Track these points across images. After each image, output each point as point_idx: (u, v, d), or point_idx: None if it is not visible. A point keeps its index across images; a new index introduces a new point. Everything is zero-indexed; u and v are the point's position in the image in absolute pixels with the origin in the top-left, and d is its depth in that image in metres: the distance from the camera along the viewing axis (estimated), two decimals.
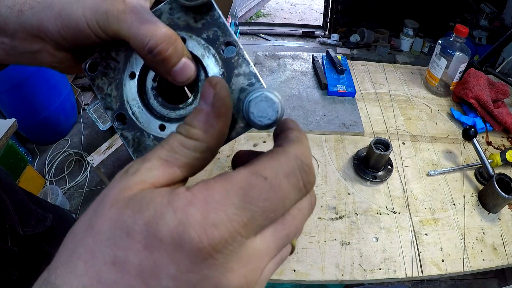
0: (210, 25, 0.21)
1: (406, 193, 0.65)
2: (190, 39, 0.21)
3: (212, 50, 0.21)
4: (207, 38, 0.21)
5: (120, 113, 0.23)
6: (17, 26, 0.21)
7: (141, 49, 0.20)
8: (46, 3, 0.20)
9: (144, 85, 0.23)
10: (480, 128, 0.78)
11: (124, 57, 0.22)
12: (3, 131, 0.96)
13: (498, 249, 0.57)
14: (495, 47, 1.01)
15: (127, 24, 0.19)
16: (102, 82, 0.23)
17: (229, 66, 0.21)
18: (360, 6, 2.70)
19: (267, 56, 1.00)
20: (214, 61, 0.21)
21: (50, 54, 0.23)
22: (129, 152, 0.23)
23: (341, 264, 0.53)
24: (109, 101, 0.23)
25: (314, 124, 0.76)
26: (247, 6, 3.51)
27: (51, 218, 0.59)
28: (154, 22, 0.20)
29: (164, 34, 0.19)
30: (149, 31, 0.19)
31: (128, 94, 0.23)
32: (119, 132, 0.23)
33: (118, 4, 0.20)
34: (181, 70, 0.20)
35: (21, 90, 1.52)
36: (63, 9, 0.20)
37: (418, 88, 0.92)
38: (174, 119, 0.22)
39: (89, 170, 1.69)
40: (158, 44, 0.19)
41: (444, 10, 2.43)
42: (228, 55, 0.21)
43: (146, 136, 0.22)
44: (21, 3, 0.21)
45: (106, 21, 0.20)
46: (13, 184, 0.57)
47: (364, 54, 2.54)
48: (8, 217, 0.49)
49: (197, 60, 0.22)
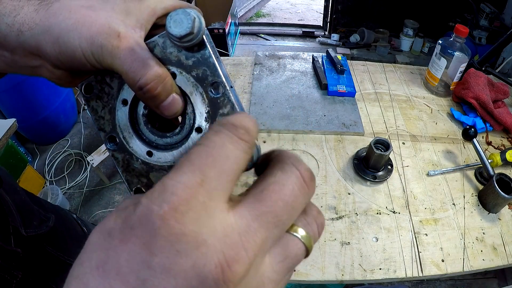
0: (200, 63, 0.22)
1: (406, 193, 0.65)
2: (180, 75, 0.22)
3: (200, 89, 0.22)
4: (196, 77, 0.22)
5: (112, 135, 0.24)
6: (16, 44, 0.21)
7: (132, 85, 0.21)
8: (45, 26, 0.21)
9: (135, 111, 0.24)
10: (480, 128, 0.78)
11: (117, 84, 0.23)
12: (3, 131, 0.96)
13: (498, 249, 0.57)
14: (495, 47, 1.01)
15: (120, 60, 0.20)
16: (96, 105, 0.24)
17: (215, 106, 0.22)
18: (360, 6, 2.70)
19: (267, 56, 1.00)
20: (201, 99, 0.22)
21: (49, 70, 0.23)
22: (118, 171, 0.24)
23: (341, 264, 0.53)
24: (102, 123, 0.24)
25: (314, 124, 0.76)
26: (247, 6, 3.50)
27: (53, 219, 0.59)
28: (146, 59, 0.20)
29: (154, 74, 0.20)
30: (140, 70, 0.20)
31: (120, 119, 0.24)
32: (111, 152, 0.24)
33: (113, 39, 0.20)
34: (168, 105, 0.21)
35: (21, 90, 1.52)
36: (61, 36, 0.21)
37: (418, 88, 0.92)
38: (162, 146, 0.24)
39: (89, 170, 1.69)
40: (147, 83, 0.20)
41: (444, 10, 2.43)
42: (214, 95, 0.22)
43: (134, 159, 0.24)
44: (20, 23, 0.21)
45: (101, 54, 0.21)
46: (15, 184, 0.57)
47: (364, 54, 2.54)
48: (11, 218, 0.49)
49: (185, 95, 0.23)
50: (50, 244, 0.56)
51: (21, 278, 0.46)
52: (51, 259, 0.55)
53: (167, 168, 0.23)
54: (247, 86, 0.88)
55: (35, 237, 0.53)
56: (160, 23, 0.24)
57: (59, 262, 0.56)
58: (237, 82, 0.90)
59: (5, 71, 0.24)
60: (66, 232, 0.64)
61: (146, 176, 0.24)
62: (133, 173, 0.24)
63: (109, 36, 0.20)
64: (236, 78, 0.92)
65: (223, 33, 2.25)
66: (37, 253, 0.53)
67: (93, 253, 0.14)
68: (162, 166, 0.23)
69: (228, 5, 2.48)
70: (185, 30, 0.20)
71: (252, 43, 2.92)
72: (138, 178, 0.24)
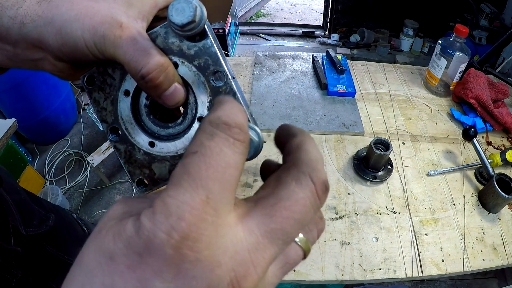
0: (202, 53, 0.22)
1: (406, 193, 0.65)
2: (182, 65, 0.22)
3: (202, 78, 0.22)
4: (198, 66, 0.22)
5: (114, 126, 0.24)
6: (18, 37, 0.21)
7: (135, 75, 0.21)
8: (47, 18, 0.21)
9: (137, 102, 0.24)
10: (480, 128, 0.78)
11: (120, 75, 0.23)
12: (3, 131, 0.96)
13: (498, 249, 0.57)
14: (495, 47, 1.01)
15: (122, 50, 0.20)
16: (98, 96, 0.24)
17: (217, 95, 0.22)
18: (360, 6, 2.70)
19: (267, 56, 1.00)
20: (203, 88, 0.22)
21: (51, 63, 0.23)
22: (120, 162, 0.24)
23: (341, 264, 0.53)
24: (104, 115, 0.24)
25: (314, 124, 0.76)
26: (247, 6, 3.51)
27: (53, 218, 0.59)
28: (148, 49, 0.20)
29: (156, 63, 0.20)
30: (143, 59, 0.20)
31: (122, 110, 0.24)
32: (113, 144, 0.24)
33: (115, 29, 0.20)
34: (171, 95, 0.21)
35: (21, 90, 1.52)
36: (63, 27, 0.21)
37: (418, 88, 0.92)
38: (164, 137, 0.24)
39: (89, 170, 1.69)
40: (150, 72, 0.20)
41: (444, 10, 2.43)
42: (216, 84, 0.22)
43: (137, 150, 0.24)
44: (22, 15, 0.21)
45: (103, 44, 0.20)
46: (15, 184, 0.57)
47: (364, 54, 2.54)
48: (11, 217, 0.49)
49: (187, 85, 0.23)
50: (50, 244, 0.56)
51: (20, 277, 0.46)
52: (50, 258, 0.55)
53: (169, 158, 0.23)
54: (247, 86, 0.88)
55: (35, 237, 0.53)
56: (161, 15, 0.24)
57: (58, 261, 0.56)
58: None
59: (7, 66, 0.24)
60: (66, 232, 0.64)
61: (148, 167, 0.24)
62: (135, 164, 0.24)
63: (111, 26, 0.20)
64: (236, 78, 0.92)
65: (223, 33, 2.25)
66: (37, 252, 0.53)
67: (94, 277, 0.13)
68: (164, 157, 0.23)
69: (228, 5, 2.48)
70: (187, 19, 0.20)
71: (252, 43, 2.92)
72: (140, 169, 0.24)
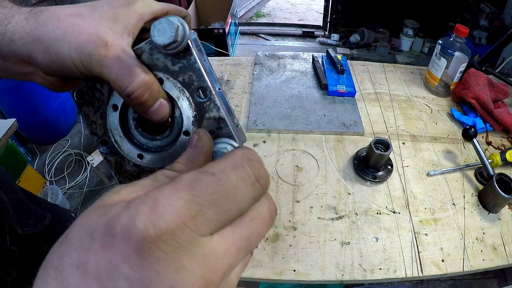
0: (186, 69, 0.22)
1: (406, 193, 0.65)
2: (167, 81, 0.23)
3: (186, 93, 0.23)
4: (183, 82, 0.22)
5: (104, 139, 0.25)
6: (8, 52, 0.22)
7: (120, 93, 0.21)
8: (35, 36, 0.21)
9: (126, 115, 0.25)
10: (480, 128, 0.78)
11: (107, 90, 0.24)
12: (3, 131, 0.95)
13: (498, 249, 0.57)
14: (495, 47, 1.01)
15: (108, 69, 0.21)
16: (88, 110, 0.25)
17: (201, 110, 0.23)
18: (360, 6, 2.70)
19: (267, 56, 1.00)
20: (188, 103, 0.23)
21: (41, 76, 0.24)
22: (112, 173, 0.25)
23: (341, 264, 0.53)
24: (94, 128, 0.25)
25: (314, 124, 0.76)
26: (247, 6, 3.51)
27: (50, 218, 0.59)
28: (133, 67, 0.21)
29: (141, 82, 0.21)
30: (127, 78, 0.21)
31: (111, 124, 0.24)
32: (103, 155, 0.25)
33: (100, 48, 0.21)
34: (156, 110, 0.22)
35: (21, 90, 1.52)
36: (50, 45, 0.21)
37: (418, 88, 0.92)
38: (152, 149, 0.24)
39: (89, 170, 1.69)
40: (134, 90, 0.21)
41: (444, 10, 2.43)
42: (200, 99, 0.23)
43: (126, 162, 0.25)
44: (11, 32, 0.21)
45: (89, 63, 0.21)
46: (12, 183, 0.57)
47: (364, 54, 2.54)
48: (7, 216, 0.50)
49: (173, 99, 0.23)
50: (46, 242, 0.56)
51: (16, 276, 0.46)
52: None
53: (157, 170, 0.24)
54: (247, 86, 0.88)
55: (31, 236, 0.53)
56: (148, 27, 0.25)
57: None
58: (237, 82, 0.90)
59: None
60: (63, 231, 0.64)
61: (138, 177, 0.24)
62: (125, 175, 0.25)
63: (96, 45, 0.21)
64: (236, 78, 0.92)
65: (223, 33, 2.25)
66: (32, 251, 0.53)
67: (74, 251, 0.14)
68: (152, 169, 0.24)
69: (228, 5, 2.48)
70: (169, 39, 0.20)
71: (252, 43, 2.92)
72: (130, 180, 0.25)
